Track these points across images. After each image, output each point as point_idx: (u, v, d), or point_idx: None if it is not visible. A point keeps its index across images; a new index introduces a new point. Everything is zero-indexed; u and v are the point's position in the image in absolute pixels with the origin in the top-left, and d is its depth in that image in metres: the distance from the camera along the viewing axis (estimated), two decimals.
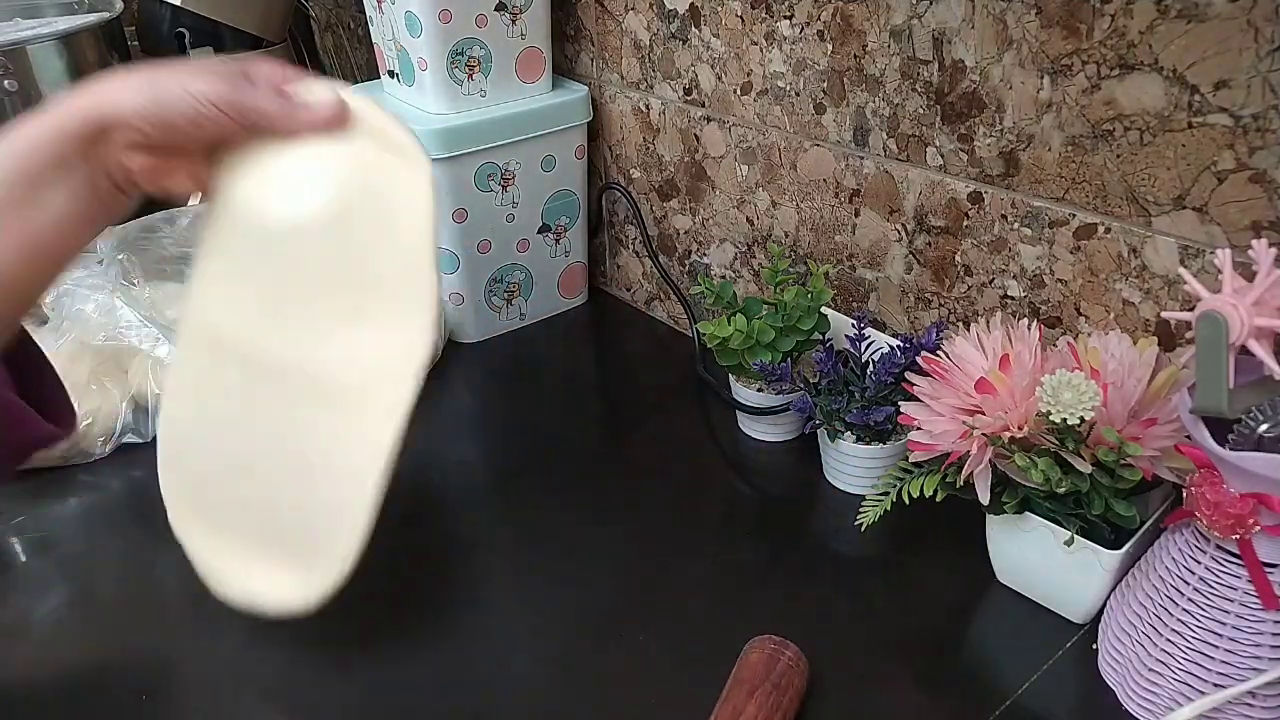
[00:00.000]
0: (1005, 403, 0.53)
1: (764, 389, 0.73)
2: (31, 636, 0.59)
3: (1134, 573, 0.53)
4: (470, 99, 0.83)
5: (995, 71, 0.59)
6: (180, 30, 0.99)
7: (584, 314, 0.98)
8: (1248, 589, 0.46)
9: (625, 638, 0.57)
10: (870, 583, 0.61)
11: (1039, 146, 0.58)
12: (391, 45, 0.86)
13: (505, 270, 0.91)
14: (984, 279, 0.65)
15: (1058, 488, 0.51)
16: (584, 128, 0.90)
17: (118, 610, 0.60)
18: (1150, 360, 0.53)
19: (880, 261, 0.72)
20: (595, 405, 0.84)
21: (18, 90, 0.85)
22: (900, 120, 0.65)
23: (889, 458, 0.66)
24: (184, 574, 0.62)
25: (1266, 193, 0.50)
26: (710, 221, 0.85)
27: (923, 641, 0.56)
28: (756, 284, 0.83)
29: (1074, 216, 0.58)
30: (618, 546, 0.65)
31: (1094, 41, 0.54)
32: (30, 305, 0.51)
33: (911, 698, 0.53)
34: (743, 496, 0.71)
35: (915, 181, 0.66)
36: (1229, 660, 0.47)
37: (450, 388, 0.85)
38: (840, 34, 0.67)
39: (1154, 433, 0.51)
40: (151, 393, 0.76)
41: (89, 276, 0.78)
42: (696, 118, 0.82)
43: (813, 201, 0.75)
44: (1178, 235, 0.54)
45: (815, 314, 0.70)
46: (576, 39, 0.91)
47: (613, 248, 0.99)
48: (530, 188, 0.88)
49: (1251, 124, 0.49)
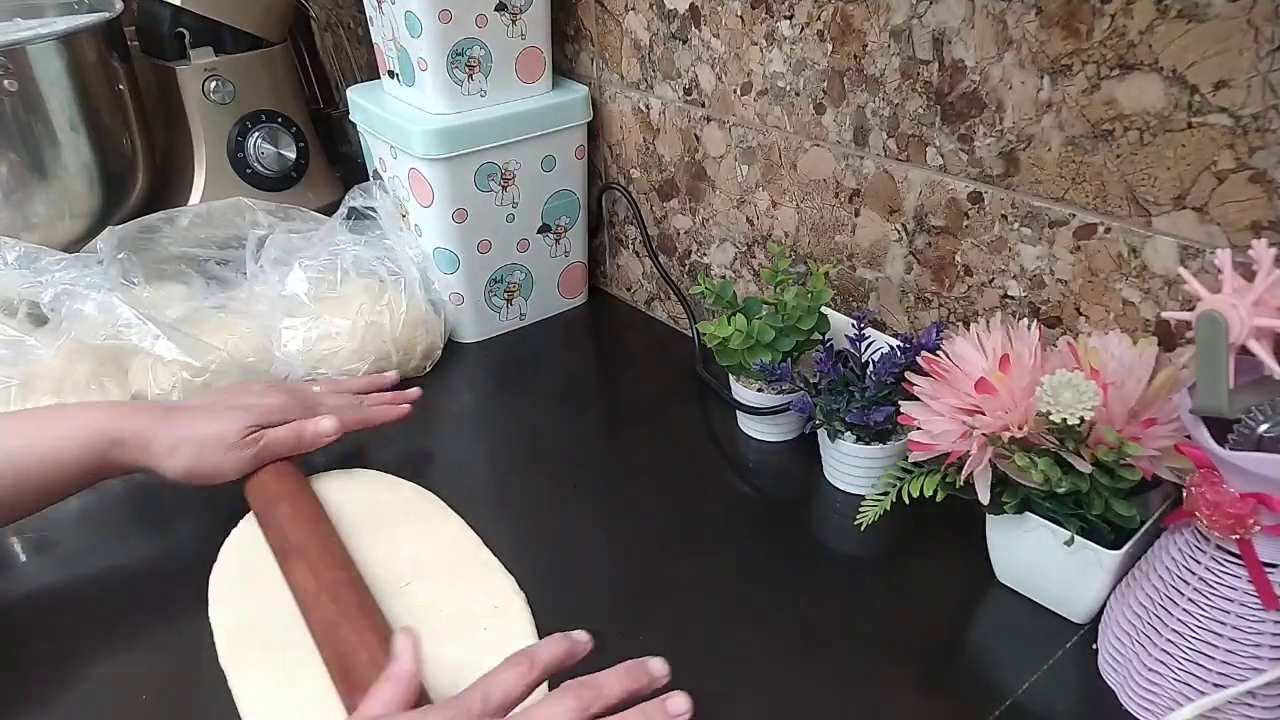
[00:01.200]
0: (1005, 403, 0.53)
1: (764, 389, 0.73)
2: (31, 636, 0.59)
3: (1134, 573, 0.53)
4: (470, 99, 0.83)
5: (995, 71, 0.59)
6: (180, 30, 0.99)
7: (584, 314, 0.98)
8: (1248, 589, 0.46)
9: (625, 638, 0.57)
10: (870, 583, 0.61)
11: (1039, 146, 0.58)
12: (391, 45, 0.86)
13: (505, 270, 0.91)
14: (984, 279, 0.65)
15: (1058, 488, 0.51)
16: (584, 128, 0.90)
17: (117, 610, 0.60)
18: (1150, 360, 0.53)
19: (880, 261, 0.72)
20: (595, 405, 0.84)
21: (18, 90, 0.85)
22: (900, 120, 0.66)
23: (889, 458, 0.66)
24: (184, 573, 0.62)
25: (1266, 193, 0.50)
26: (710, 221, 0.85)
27: (923, 641, 0.56)
28: (756, 284, 0.84)
29: (1074, 216, 0.58)
30: (617, 546, 0.65)
31: (1094, 41, 0.54)
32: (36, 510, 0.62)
33: (911, 698, 0.53)
34: (743, 496, 0.71)
35: (915, 181, 0.66)
36: (1229, 660, 0.47)
37: (450, 388, 0.85)
38: (840, 34, 0.67)
39: (1154, 433, 0.51)
40: (151, 392, 0.76)
41: (89, 276, 0.77)
42: (696, 118, 0.82)
43: (813, 201, 0.75)
44: (1178, 235, 0.54)
45: (815, 314, 0.70)
46: (576, 39, 0.91)
47: (613, 248, 0.99)
48: (530, 188, 0.88)
49: (1251, 124, 0.49)
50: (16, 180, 0.88)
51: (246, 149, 1.03)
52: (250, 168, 1.04)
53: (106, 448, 0.60)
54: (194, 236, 0.88)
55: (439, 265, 0.88)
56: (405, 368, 0.84)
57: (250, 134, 1.03)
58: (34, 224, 0.90)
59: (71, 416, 0.61)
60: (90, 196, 0.94)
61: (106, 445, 0.60)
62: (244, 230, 0.87)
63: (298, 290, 0.81)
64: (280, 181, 1.07)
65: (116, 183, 0.97)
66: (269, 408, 0.65)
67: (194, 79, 0.99)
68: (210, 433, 0.62)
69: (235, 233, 0.88)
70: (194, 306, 0.83)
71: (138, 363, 0.77)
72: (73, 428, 0.60)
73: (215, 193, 1.01)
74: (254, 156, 1.04)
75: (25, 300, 0.78)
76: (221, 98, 1.01)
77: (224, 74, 1.00)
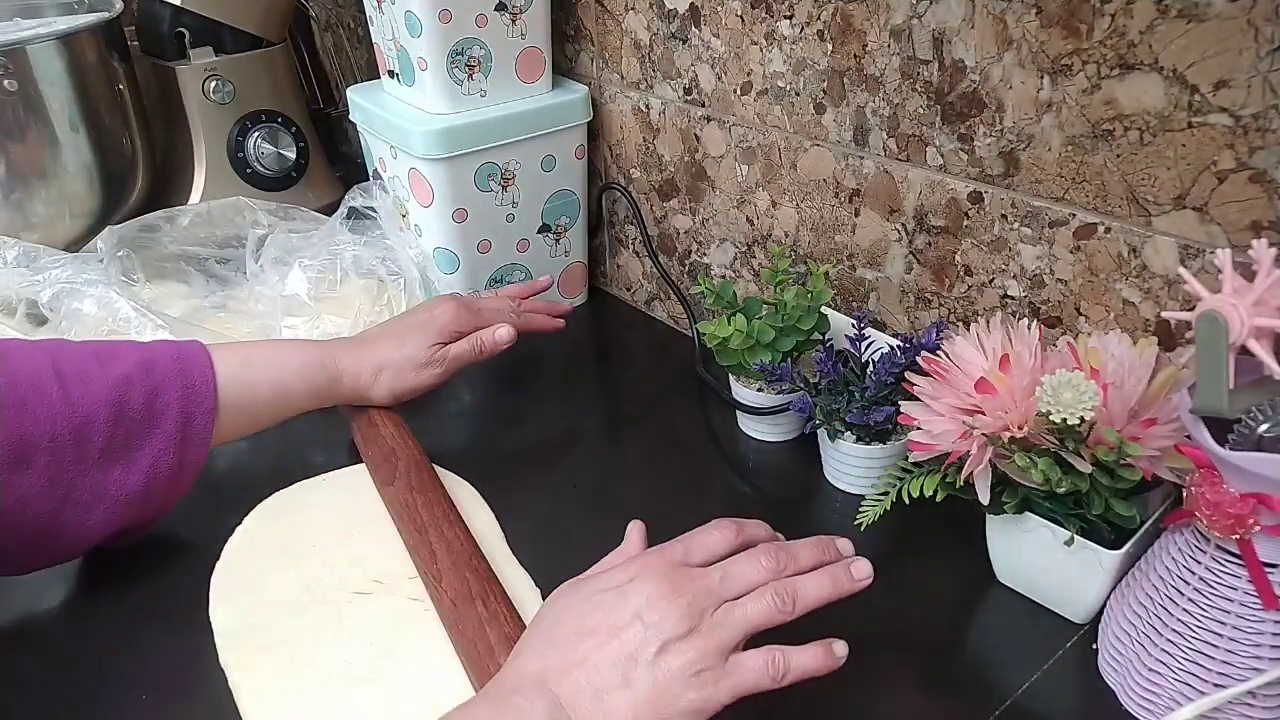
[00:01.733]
0: (1005, 403, 0.53)
1: (764, 389, 0.73)
2: (31, 636, 0.59)
3: (1134, 573, 0.53)
4: (470, 99, 0.83)
5: (995, 71, 0.59)
6: (180, 30, 0.99)
7: (584, 314, 0.98)
8: (1248, 589, 0.46)
9: None
10: (870, 583, 0.61)
11: (1039, 146, 0.58)
12: (391, 45, 0.86)
13: (505, 270, 0.91)
14: (984, 279, 0.65)
15: (1058, 488, 0.51)
16: (584, 128, 0.90)
17: (117, 610, 0.60)
18: (1150, 360, 0.53)
19: (880, 261, 0.72)
20: (595, 405, 0.84)
21: (18, 90, 0.85)
22: (900, 120, 0.65)
23: (889, 458, 0.66)
24: (185, 573, 0.62)
25: (1266, 193, 0.50)
26: (710, 221, 0.85)
27: (923, 641, 0.56)
28: (756, 284, 0.83)
29: (1074, 216, 0.58)
30: (617, 546, 0.65)
31: (1094, 41, 0.54)
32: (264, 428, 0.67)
33: (911, 698, 0.53)
34: (743, 496, 0.71)
35: (915, 181, 0.66)
36: (1229, 660, 0.47)
37: (450, 387, 0.85)
38: (840, 34, 0.67)
39: (1154, 433, 0.51)
40: None
41: (88, 274, 0.77)
42: (696, 117, 0.82)
43: (813, 201, 0.75)
44: (1178, 235, 0.54)
45: (815, 314, 0.70)
46: (576, 39, 0.91)
47: (613, 248, 0.99)
48: (530, 188, 0.88)
49: (1251, 124, 0.49)
50: (16, 180, 0.88)
51: (246, 149, 1.03)
52: (250, 168, 1.04)
53: (327, 384, 0.67)
54: (194, 236, 0.88)
55: (439, 265, 0.88)
56: None
57: (250, 134, 1.03)
58: (34, 224, 0.90)
59: (298, 353, 0.67)
60: (90, 196, 0.94)
61: (327, 381, 0.67)
62: (244, 229, 0.87)
63: (298, 290, 0.81)
64: (280, 181, 1.07)
65: (116, 183, 0.97)
66: (444, 324, 0.72)
67: (194, 79, 0.99)
68: (401, 356, 0.70)
69: (235, 232, 0.89)
70: (194, 305, 0.83)
71: None
72: (299, 363, 0.66)
73: (215, 193, 1.01)
74: (254, 156, 1.04)
75: (24, 299, 0.78)
76: (221, 98, 1.01)
77: (224, 74, 1.00)
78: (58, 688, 0.55)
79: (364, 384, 0.69)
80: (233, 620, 0.58)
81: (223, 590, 0.60)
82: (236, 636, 0.56)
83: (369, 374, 0.69)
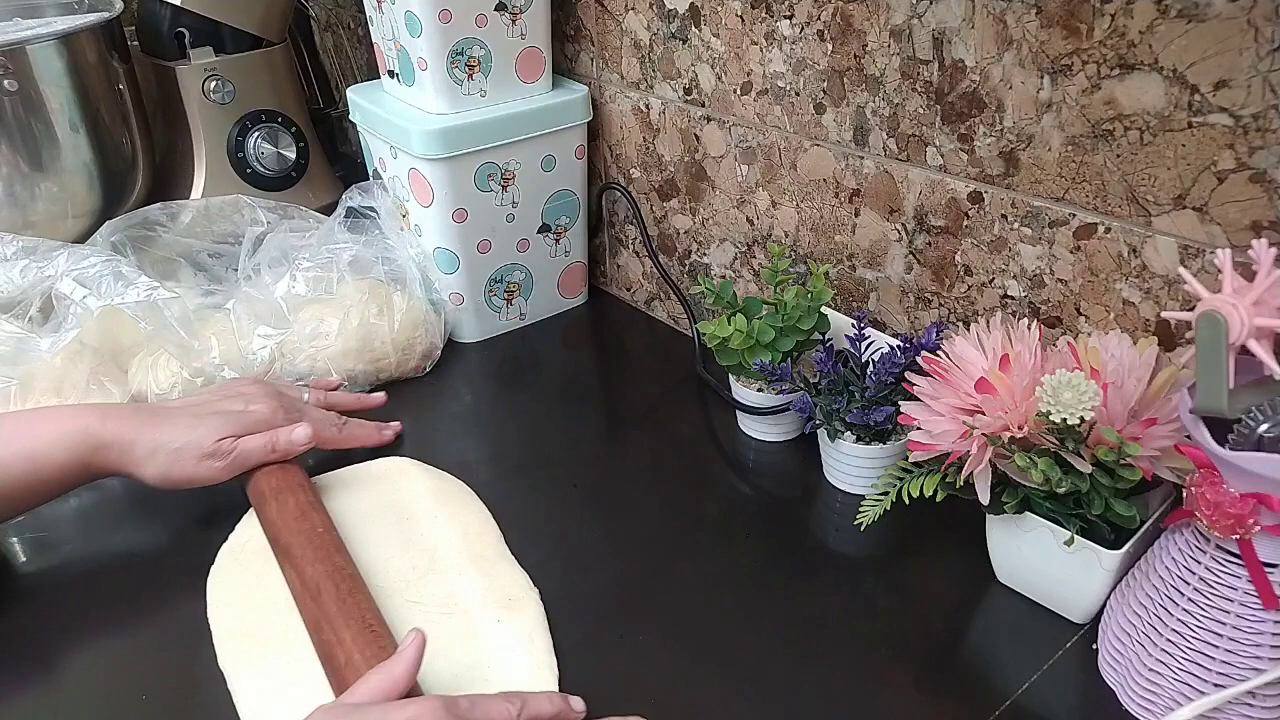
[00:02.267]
0: (1005, 403, 0.53)
1: (764, 389, 0.73)
2: (30, 635, 0.59)
3: (1134, 573, 0.53)
4: (470, 99, 0.83)
5: (995, 71, 0.59)
6: (180, 30, 0.99)
7: (584, 314, 0.98)
8: (1248, 589, 0.46)
9: (624, 638, 0.57)
10: (870, 583, 0.61)
11: (1039, 146, 0.58)
12: (391, 45, 0.86)
13: (505, 270, 0.91)
14: (984, 279, 0.65)
15: (1058, 488, 0.51)
16: (584, 128, 0.90)
17: (117, 610, 0.60)
18: (1150, 360, 0.53)
19: (880, 261, 0.72)
20: (595, 405, 0.84)
21: (18, 90, 0.85)
22: (900, 120, 0.65)
23: (889, 458, 0.66)
24: (183, 574, 0.62)
25: (1266, 193, 0.50)
26: (710, 221, 0.85)
27: (923, 641, 0.56)
28: (756, 284, 0.83)
29: (1074, 216, 0.58)
30: (617, 546, 0.65)
31: (1094, 41, 0.54)
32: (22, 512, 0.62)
33: (911, 698, 0.53)
34: (743, 496, 0.71)
35: (915, 181, 0.66)
36: (1229, 660, 0.47)
37: (450, 388, 0.85)
38: (840, 34, 0.67)
39: (1154, 433, 0.51)
40: (151, 392, 0.76)
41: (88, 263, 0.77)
42: (696, 117, 0.82)
43: (813, 201, 0.75)
44: (1178, 235, 0.54)
45: (815, 314, 0.70)
46: (576, 39, 0.91)
47: (613, 248, 0.99)
48: (530, 188, 0.88)
49: (1251, 124, 0.49)
50: (17, 180, 0.88)
51: (246, 149, 1.03)
52: (250, 167, 1.04)
53: (89, 452, 0.60)
54: (194, 232, 0.88)
55: (439, 265, 0.88)
56: (404, 368, 0.84)
57: (250, 134, 1.03)
58: (34, 223, 0.90)
59: (55, 420, 0.61)
60: (90, 196, 0.94)
61: (89, 450, 0.60)
62: (244, 227, 0.87)
63: (296, 289, 0.81)
64: (280, 181, 1.07)
65: (116, 182, 0.97)
66: (251, 417, 0.65)
67: (194, 79, 0.99)
68: (185, 440, 0.62)
69: (235, 229, 0.88)
70: (192, 302, 0.83)
71: (138, 362, 0.77)
72: (55, 432, 0.60)
73: (215, 192, 1.01)
74: (254, 156, 1.04)
75: (24, 298, 0.77)
76: (221, 98, 1.01)
77: (224, 74, 1.00)
78: (58, 688, 0.55)
79: (134, 459, 0.61)
80: (230, 620, 0.58)
81: (220, 591, 0.60)
82: (235, 636, 0.56)
83: (144, 450, 0.61)
